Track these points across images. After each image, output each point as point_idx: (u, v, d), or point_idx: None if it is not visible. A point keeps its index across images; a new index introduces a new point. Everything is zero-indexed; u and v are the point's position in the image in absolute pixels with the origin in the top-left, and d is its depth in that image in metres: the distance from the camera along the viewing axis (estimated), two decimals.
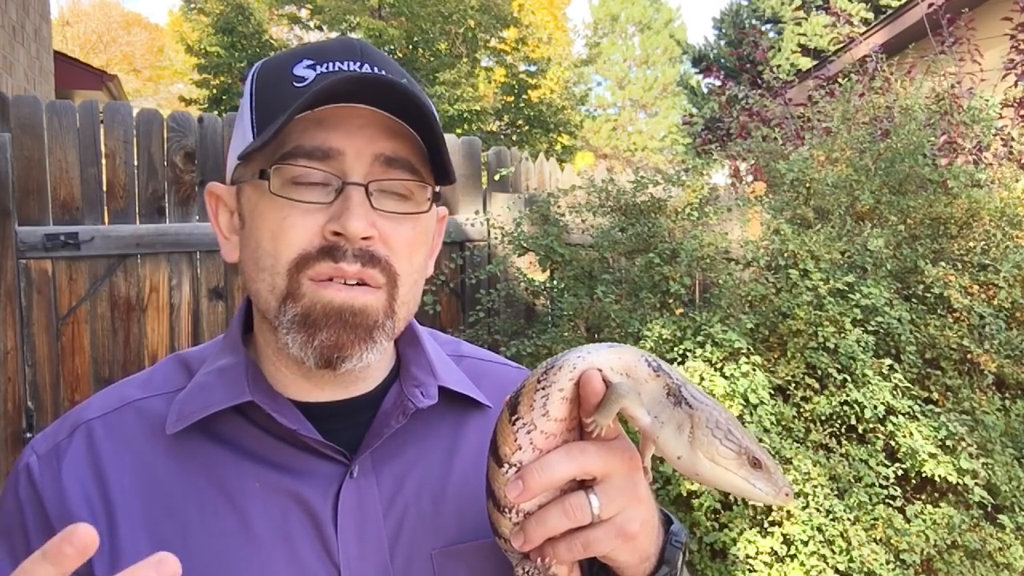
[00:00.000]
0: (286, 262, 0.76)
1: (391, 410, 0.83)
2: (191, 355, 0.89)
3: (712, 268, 3.12)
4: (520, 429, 0.66)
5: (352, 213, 0.74)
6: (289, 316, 0.76)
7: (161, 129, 3.42)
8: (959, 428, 2.70)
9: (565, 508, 0.66)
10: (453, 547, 0.81)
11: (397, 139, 0.78)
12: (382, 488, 0.80)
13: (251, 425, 0.80)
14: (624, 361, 0.66)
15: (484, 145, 4.08)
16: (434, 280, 3.72)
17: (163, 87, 27.42)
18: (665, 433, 0.64)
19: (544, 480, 0.65)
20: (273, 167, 0.75)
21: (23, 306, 3.21)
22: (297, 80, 0.78)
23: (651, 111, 30.15)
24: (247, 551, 0.76)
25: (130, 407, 0.83)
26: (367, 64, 0.79)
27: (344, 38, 0.83)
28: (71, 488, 0.77)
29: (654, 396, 0.65)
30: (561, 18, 26.20)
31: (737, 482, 0.63)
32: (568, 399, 0.65)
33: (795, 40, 16.49)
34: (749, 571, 2.61)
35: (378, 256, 0.76)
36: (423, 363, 0.87)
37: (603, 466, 0.66)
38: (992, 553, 2.61)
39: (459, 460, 0.85)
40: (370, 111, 0.76)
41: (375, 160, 0.76)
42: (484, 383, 0.91)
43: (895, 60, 4.92)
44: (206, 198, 0.87)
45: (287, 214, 0.75)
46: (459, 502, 0.83)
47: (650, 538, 0.72)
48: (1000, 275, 3.07)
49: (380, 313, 0.78)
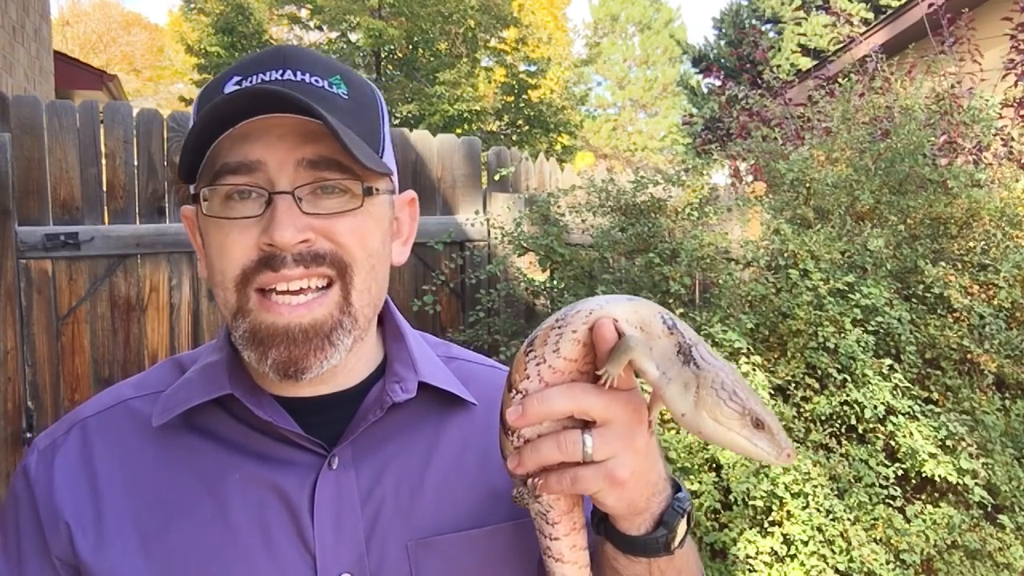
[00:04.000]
0: (232, 278, 0.78)
1: (371, 404, 0.85)
2: (186, 357, 0.92)
3: (712, 268, 3.12)
4: (531, 360, 0.69)
5: (278, 223, 0.75)
6: (240, 331, 0.79)
7: (161, 129, 3.42)
8: (959, 428, 2.70)
9: (559, 441, 0.69)
10: (429, 539, 0.82)
11: (320, 141, 0.78)
12: (361, 480, 0.82)
13: (232, 418, 0.83)
14: (640, 315, 0.68)
15: (484, 145, 4.08)
16: (434, 280, 3.73)
17: (163, 87, 27.41)
18: (671, 390, 0.66)
19: (542, 409, 0.68)
20: (207, 188, 0.78)
21: (23, 306, 3.21)
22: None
23: (651, 111, 30.15)
24: (224, 540, 0.79)
25: (123, 405, 0.87)
26: (289, 70, 0.80)
27: (274, 47, 0.84)
28: (61, 480, 0.82)
29: (665, 353, 0.67)
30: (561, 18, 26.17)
31: (739, 441, 0.65)
32: (580, 341, 0.68)
33: (795, 40, 16.49)
34: (749, 571, 2.61)
35: (322, 253, 0.77)
36: (405, 359, 0.89)
37: (603, 411, 0.68)
38: (992, 553, 2.61)
39: (439, 455, 0.87)
40: (291, 119, 0.77)
41: (298, 166, 0.77)
42: (472, 384, 0.92)
43: (895, 60, 4.92)
44: (183, 221, 0.90)
45: (227, 231, 0.78)
46: (437, 495, 0.85)
47: (641, 491, 0.72)
48: (1000, 275, 3.07)
49: (334, 315, 0.79)
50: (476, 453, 0.88)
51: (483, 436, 0.90)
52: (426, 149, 3.81)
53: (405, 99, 14.43)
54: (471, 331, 3.61)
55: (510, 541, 0.86)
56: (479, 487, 0.87)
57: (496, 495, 0.87)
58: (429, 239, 3.68)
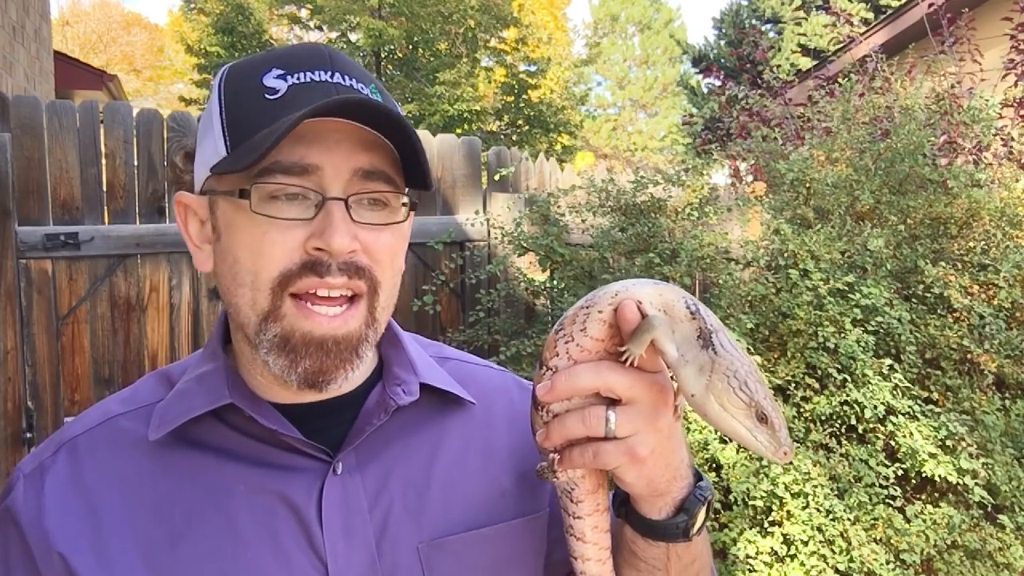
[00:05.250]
0: (268, 279, 0.76)
1: (373, 408, 0.84)
2: (173, 369, 0.90)
3: (712, 268, 3.12)
4: (561, 339, 0.73)
5: (336, 229, 0.74)
6: (269, 336, 0.77)
7: (161, 129, 3.42)
8: (959, 428, 2.70)
9: (583, 415, 0.71)
10: (440, 540, 0.82)
11: (374, 151, 0.78)
12: (367, 484, 0.82)
13: (231, 429, 0.81)
14: (664, 299, 0.71)
15: (484, 145, 4.08)
16: (434, 280, 3.73)
17: (163, 87, 27.41)
18: (686, 371, 0.69)
19: (569, 385, 0.71)
20: (253, 185, 0.75)
21: (23, 306, 3.21)
22: (269, 92, 0.77)
23: (651, 111, 30.15)
24: (235, 552, 0.77)
25: (112, 421, 0.84)
26: (337, 73, 0.79)
27: (311, 45, 0.82)
28: (51, 506, 0.78)
29: (685, 336, 0.70)
30: (561, 18, 26.17)
31: (741, 431, 0.68)
32: (606, 322, 0.71)
33: (795, 40, 16.49)
34: (749, 571, 2.61)
35: (362, 267, 0.77)
36: (404, 362, 0.88)
37: (628, 389, 0.70)
38: (992, 553, 2.61)
39: (442, 455, 0.87)
40: (347, 124, 0.76)
41: (354, 174, 0.77)
42: (469, 384, 0.92)
43: (895, 60, 4.92)
44: (175, 207, 0.85)
45: (266, 230, 0.75)
46: (444, 496, 0.84)
47: (661, 472, 0.74)
48: (1000, 275, 3.07)
49: (362, 330, 0.79)
50: (478, 452, 0.88)
51: (484, 435, 0.90)
52: (426, 149, 3.80)
53: (405, 99, 14.44)
54: (471, 331, 3.61)
55: (520, 537, 0.86)
56: (484, 485, 0.87)
57: (502, 492, 0.87)
58: (429, 239, 3.68)
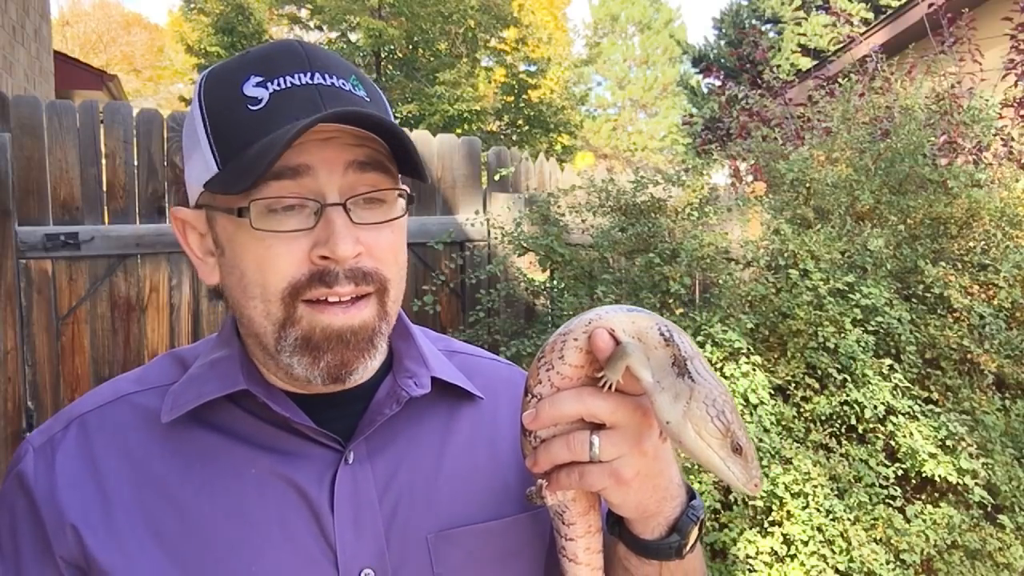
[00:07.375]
0: (277, 291, 0.76)
1: (384, 399, 0.84)
2: (186, 352, 0.90)
3: (712, 268, 3.12)
4: (542, 367, 0.75)
5: (339, 236, 0.74)
6: (290, 340, 0.77)
7: (161, 129, 3.42)
8: (959, 428, 2.70)
9: (568, 440, 0.72)
10: (448, 531, 0.83)
11: (364, 143, 0.78)
12: (376, 475, 0.82)
13: (245, 413, 0.82)
14: (637, 326, 0.72)
15: (484, 145, 4.08)
16: (434, 280, 3.73)
17: (163, 87, 27.41)
18: (661, 398, 0.69)
19: (553, 412, 0.72)
20: (251, 203, 0.74)
21: (23, 306, 3.21)
22: (251, 102, 0.76)
23: (651, 111, 30.15)
24: (243, 534, 0.77)
25: (124, 400, 0.84)
26: (317, 73, 0.78)
27: (284, 43, 0.81)
28: (63, 479, 0.79)
29: (660, 363, 0.70)
30: (561, 18, 26.16)
31: (715, 460, 0.68)
32: (581, 349, 0.72)
33: (795, 40, 16.50)
34: (749, 571, 2.61)
35: (368, 271, 0.78)
36: (415, 355, 0.89)
37: (611, 414, 0.71)
38: (992, 553, 2.61)
39: (451, 448, 0.87)
40: (336, 125, 0.76)
41: (348, 168, 0.76)
42: (477, 378, 0.93)
43: (895, 60, 4.91)
44: (172, 222, 0.86)
45: (270, 244, 0.75)
46: (452, 487, 0.85)
47: (649, 493, 0.75)
48: (1000, 275, 3.07)
49: (376, 321, 0.80)
50: (486, 445, 0.89)
51: (491, 428, 0.90)
52: (426, 149, 3.81)
53: (405, 99, 14.44)
54: (471, 331, 3.61)
55: (527, 531, 0.87)
56: (492, 478, 0.87)
57: (509, 486, 0.87)
58: (429, 239, 3.68)
